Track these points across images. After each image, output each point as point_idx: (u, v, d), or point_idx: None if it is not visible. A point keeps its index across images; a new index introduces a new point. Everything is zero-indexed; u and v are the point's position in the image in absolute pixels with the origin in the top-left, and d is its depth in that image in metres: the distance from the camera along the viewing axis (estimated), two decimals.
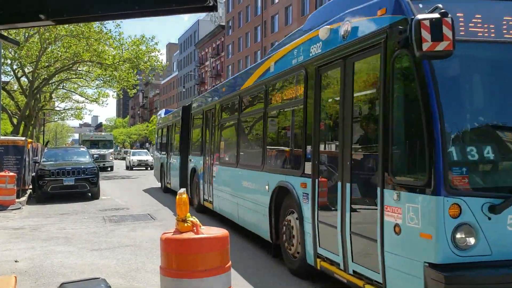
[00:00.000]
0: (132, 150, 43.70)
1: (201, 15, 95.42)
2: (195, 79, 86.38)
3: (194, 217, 3.89)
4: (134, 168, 39.05)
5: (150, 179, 26.86)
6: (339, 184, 5.07)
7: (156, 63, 32.55)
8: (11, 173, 13.46)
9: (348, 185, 4.90)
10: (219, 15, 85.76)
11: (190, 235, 3.72)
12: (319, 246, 5.59)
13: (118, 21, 30.71)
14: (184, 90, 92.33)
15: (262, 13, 61.43)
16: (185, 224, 3.78)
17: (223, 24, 75.96)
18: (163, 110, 22.25)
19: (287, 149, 7.11)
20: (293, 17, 53.42)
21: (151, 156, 40.54)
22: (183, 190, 3.90)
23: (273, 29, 58.76)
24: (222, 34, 74.96)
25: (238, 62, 68.97)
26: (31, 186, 17.03)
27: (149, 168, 37.84)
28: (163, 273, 3.77)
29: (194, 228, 3.76)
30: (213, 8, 1.93)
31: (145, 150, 48.99)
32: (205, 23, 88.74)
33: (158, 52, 32.41)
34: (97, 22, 28.08)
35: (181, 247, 3.69)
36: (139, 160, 39.83)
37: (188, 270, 3.63)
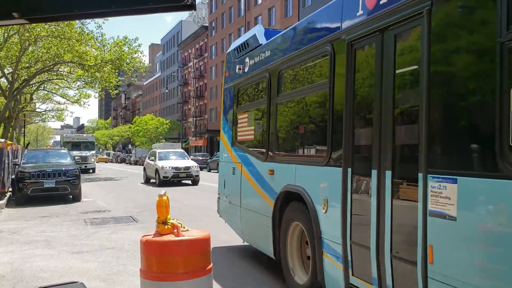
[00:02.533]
0: (158, 151, 25.70)
1: (184, 16, 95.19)
2: (178, 80, 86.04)
3: (175, 219, 3.85)
4: (167, 183, 22.25)
5: (135, 181, 26.66)
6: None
7: (139, 64, 32.32)
8: None
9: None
10: (202, 16, 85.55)
11: (170, 237, 3.68)
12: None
13: (100, 22, 30.48)
14: (167, 91, 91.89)
15: (245, 14, 61.45)
16: (166, 227, 3.74)
17: (206, 25, 75.77)
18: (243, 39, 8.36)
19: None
20: (276, 19, 53.54)
21: (194, 161, 28.13)
22: (164, 191, 3.85)
23: None
24: (205, 35, 74.77)
25: (222, 63, 68.71)
26: (10, 189, 16.74)
27: (191, 180, 23.37)
28: (143, 276, 3.72)
29: (175, 230, 3.72)
30: (191, 7, 1.90)
31: (180, 150, 30.64)
32: (188, 24, 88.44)
33: (141, 53, 32.21)
34: (78, 23, 27.79)
35: (161, 250, 3.64)
36: (176, 169, 22.72)
37: (169, 272, 3.59)
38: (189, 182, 23.80)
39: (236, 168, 7.20)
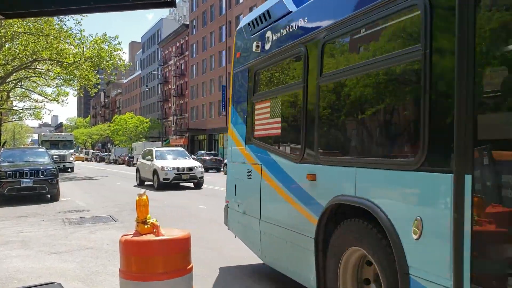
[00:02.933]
0: (155, 149, 22.61)
1: (164, 14, 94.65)
2: (159, 78, 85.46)
3: (154, 218, 3.82)
4: (167, 186, 19.89)
5: (114, 180, 26.40)
6: None
7: (118, 62, 31.99)
8: None
9: None
10: (183, 14, 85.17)
11: (150, 237, 3.65)
12: None
13: (78, 18, 30.06)
14: (147, 89, 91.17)
15: (226, 12, 61.32)
16: (145, 226, 3.71)
17: (187, 23, 75.41)
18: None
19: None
20: None
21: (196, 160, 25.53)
22: (143, 191, 3.82)
23: None
24: (186, 33, 74.40)
25: (203, 61, 68.63)
26: None
27: (194, 182, 20.53)
28: (123, 276, 3.68)
29: (155, 230, 3.69)
30: (171, 4, 1.88)
31: (179, 148, 27.33)
32: (169, 22, 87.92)
33: (121, 51, 31.88)
34: (57, 19, 27.39)
35: (141, 250, 3.61)
36: (179, 170, 19.92)
37: (148, 272, 3.55)
38: (191, 184, 20.96)
39: (253, 170, 5.78)
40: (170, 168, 19.97)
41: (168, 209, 13.06)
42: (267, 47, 5.59)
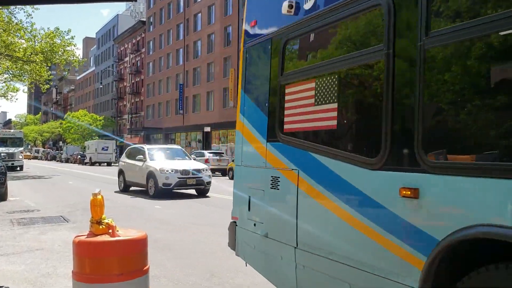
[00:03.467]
0: (147, 147, 18.46)
1: (120, 10, 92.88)
2: (113, 75, 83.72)
3: (110, 218, 3.72)
4: (166, 194, 15.91)
5: (66, 179, 25.65)
6: None
7: (72, 58, 31.06)
8: None
9: None
10: (139, 11, 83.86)
11: (105, 237, 3.55)
12: None
13: (29, 11, 29.04)
14: (101, 86, 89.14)
15: (184, 11, 60.80)
16: (100, 226, 3.60)
17: (144, 19, 74.25)
18: None
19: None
20: (216, 17, 53.38)
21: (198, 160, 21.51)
22: (98, 190, 3.71)
23: (196, 28, 58.35)
24: (143, 30, 73.24)
25: (160, 59, 67.77)
26: None
27: (199, 188, 16.57)
28: (76, 278, 3.57)
29: (110, 230, 3.60)
30: None
31: (176, 146, 21.40)
32: (125, 18, 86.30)
33: (74, 46, 30.99)
34: (5, 11, 26.32)
35: (95, 250, 3.51)
36: (183, 173, 15.98)
37: (103, 274, 3.46)
38: (191, 191, 17.03)
39: (282, 178, 4.22)
40: (172, 171, 15.79)
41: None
42: (308, 5, 4.04)
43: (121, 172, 18.82)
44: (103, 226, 3.61)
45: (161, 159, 17.11)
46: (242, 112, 5.04)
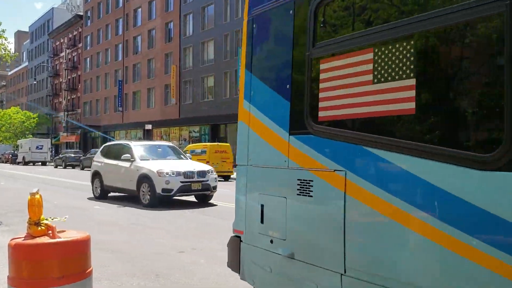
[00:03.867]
0: (133, 143, 14.80)
1: (56, 3, 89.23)
2: (48, 71, 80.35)
3: (50, 218, 3.53)
4: (165, 202, 12.93)
5: None
6: None
7: (3, 52, 29.44)
8: None
9: None
10: (76, 4, 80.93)
11: (44, 239, 3.36)
12: None
13: None
14: (35, 82, 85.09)
15: (124, 5, 59.31)
16: (39, 228, 3.40)
17: (81, 13, 71.71)
18: None
19: None
20: (157, 12, 52.50)
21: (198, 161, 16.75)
22: (36, 189, 3.51)
23: (136, 23, 57.11)
24: (80, 24, 70.73)
25: (97, 54, 65.75)
26: None
27: (203, 194, 13.56)
28: (12, 283, 3.35)
29: (50, 231, 3.41)
30: None
31: (167, 143, 18.02)
32: (61, 12, 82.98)
33: (5, 40, 29.40)
34: None
35: (34, 253, 3.31)
36: (186, 176, 12.87)
37: (41, 278, 3.27)
38: (191, 198, 14.20)
39: (318, 181, 3.18)
40: (173, 174, 12.81)
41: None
42: None
43: (96, 175, 15.37)
44: (42, 227, 3.41)
45: (154, 159, 14.01)
46: (248, 98, 3.94)
